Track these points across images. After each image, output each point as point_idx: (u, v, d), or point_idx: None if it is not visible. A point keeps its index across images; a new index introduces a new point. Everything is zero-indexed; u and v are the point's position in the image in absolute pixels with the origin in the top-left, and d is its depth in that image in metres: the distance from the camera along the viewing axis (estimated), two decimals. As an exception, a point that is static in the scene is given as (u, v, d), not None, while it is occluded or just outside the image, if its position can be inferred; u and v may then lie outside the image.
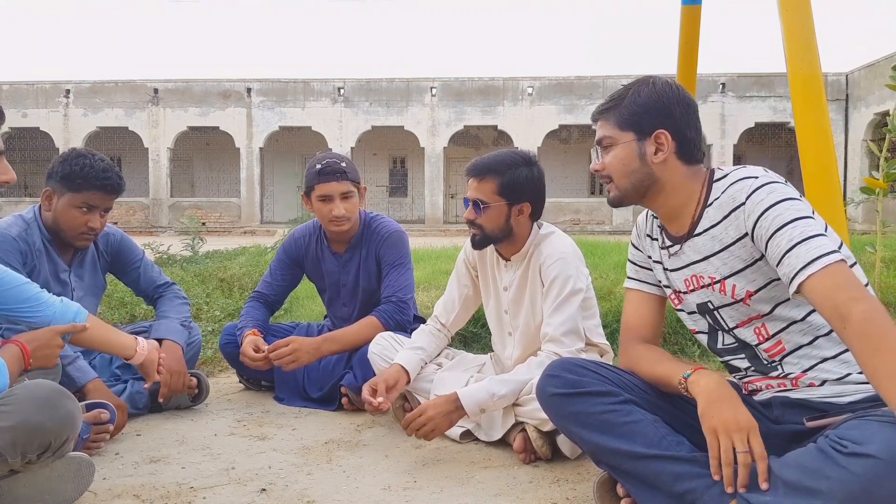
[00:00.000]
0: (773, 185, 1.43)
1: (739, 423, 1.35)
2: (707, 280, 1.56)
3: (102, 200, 2.38)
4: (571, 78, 23.43)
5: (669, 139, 1.53)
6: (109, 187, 2.37)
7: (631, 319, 1.75)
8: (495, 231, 2.22)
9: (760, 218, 1.41)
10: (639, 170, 1.56)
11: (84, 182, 2.33)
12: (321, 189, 2.62)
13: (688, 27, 3.68)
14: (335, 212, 2.62)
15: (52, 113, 23.77)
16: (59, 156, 2.41)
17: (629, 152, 1.56)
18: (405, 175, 26.93)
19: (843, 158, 21.47)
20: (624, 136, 1.56)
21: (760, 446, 1.33)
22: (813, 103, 2.51)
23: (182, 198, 24.88)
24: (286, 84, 23.92)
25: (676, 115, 1.53)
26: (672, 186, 1.56)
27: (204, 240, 7.33)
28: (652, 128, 1.53)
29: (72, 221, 2.36)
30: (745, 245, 1.47)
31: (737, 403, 1.40)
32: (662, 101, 1.53)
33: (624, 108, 1.55)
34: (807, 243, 1.34)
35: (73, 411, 1.50)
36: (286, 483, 1.91)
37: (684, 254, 1.59)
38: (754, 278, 1.49)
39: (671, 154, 1.54)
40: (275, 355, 2.50)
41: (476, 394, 2.09)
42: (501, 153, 2.25)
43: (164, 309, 2.65)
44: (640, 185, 1.57)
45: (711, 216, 1.52)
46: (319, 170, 2.63)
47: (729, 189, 1.50)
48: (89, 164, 2.33)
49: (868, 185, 3.53)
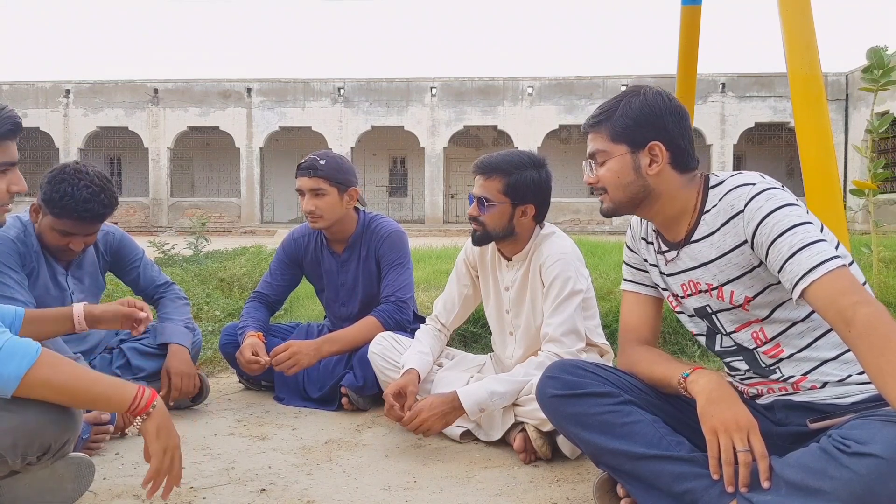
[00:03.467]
0: (770, 191, 1.43)
1: (739, 422, 1.35)
2: (704, 286, 1.56)
3: (82, 229, 2.30)
4: (571, 78, 23.43)
5: (664, 150, 1.52)
6: (89, 218, 2.26)
7: (629, 321, 1.75)
8: (497, 230, 2.22)
9: (760, 225, 1.41)
10: (634, 182, 1.55)
11: (62, 211, 2.22)
12: (297, 183, 2.69)
13: (688, 27, 3.68)
14: (304, 207, 2.66)
15: (52, 113, 23.76)
16: (49, 171, 2.30)
17: (624, 165, 1.55)
18: (405, 175, 26.94)
19: (843, 158, 21.46)
20: (617, 149, 1.55)
21: (761, 445, 1.33)
22: (813, 103, 2.51)
23: (182, 198, 24.88)
24: (286, 84, 23.93)
25: (669, 126, 1.52)
26: (668, 196, 1.56)
27: (209, 239, 7.33)
28: (645, 140, 1.52)
29: (54, 241, 2.32)
30: (743, 252, 1.47)
31: (736, 402, 1.40)
32: (654, 112, 1.52)
33: (616, 120, 1.54)
34: (808, 249, 1.34)
35: (74, 412, 1.49)
36: (286, 483, 1.91)
37: (681, 260, 1.59)
38: (752, 284, 1.49)
39: (665, 165, 1.53)
40: (275, 361, 2.50)
41: (475, 393, 2.09)
42: (511, 153, 2.25)
43: (167, 311, 2.65)
44: (636, 197, 1.57)
45: (709, 223, 1.52)
46: (298, 165, 2.70)
47: (727, 196, 1.49)
48: (70, 194, 2.20)
49: (858, 186, 3.53)
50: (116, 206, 2.35)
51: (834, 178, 2.47)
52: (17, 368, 1.37)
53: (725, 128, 22.84)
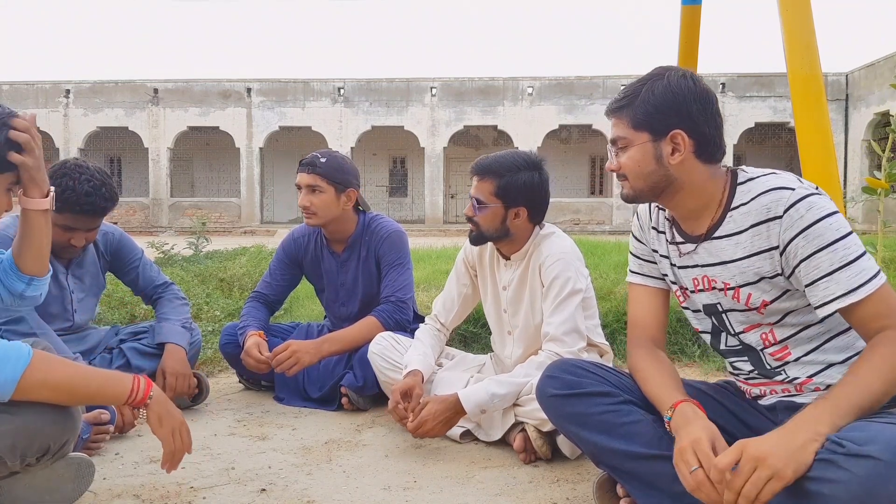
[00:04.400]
0: (811, 198, 1.38)
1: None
2: (720, 285, 1.52)
3: (84, 223, 2.31)
4: (571, 78, 23.42)
5: (686, 139, 1.45)
6: (91, 212, 2.27)
7: (636, 316, 1.71)
8: (490, 231, 2.22)
9: (799, 236, 1.37)
10: (655, 171, 1.48)
11: (63, 205, 2.22)
12: (297, 178, 2.70)
13: (688, 27, 3.68)
14: (299, 202, 2.68)
15: (52, 113, 23.76)
16: (50, 167, 2.27)
17: (645, 153, 1.48)
18: (405, 175, 26.93)
19: (843, 158, 21.47)
20: (639, 137, 1.48)
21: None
22: (813, 103, 2.51)
23: (182, 198, 24.88)
24: (286, 84, 23.93)
25: (693, 113, 1.45)
26: (691, 187, 1.49)
27: (209, 239, 7.33)
28: (667, 128, 1.45)
29: (55, 238, 2.28)
30: (771, 257, 1.43)
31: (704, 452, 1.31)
32: (678, 98, 1.45)
33: (638, 106, 1.47)
34: (849, 269, 1.34)
35: (73, 413, 1.49)
36: (286, 483, 1.91)
37: (697, 254, 1.54)
38: (769, 289, 1.46)
39: (689, 154, 1.47)
40: (275, 361, 2.50)
41: (476, 395, 2.09)
42: (507, 154, 2.24)
43: (165, 311, 2.64)
44: (657, 186, 1.51)
45: (737, 221, 1.47)
46: (300, 161, 2.70)
47: (761, 197, 1.43)
48: (71, 188, 2.22)
49: (870, 185, 3.53)
50: (117, 201, 2.36)
51: (834, 178, 2.48)
52: (13, 372, 1.36)
53: (725, 128, 21.99)
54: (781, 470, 1.18)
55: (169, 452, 1.54)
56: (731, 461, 1.24)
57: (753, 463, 1.20)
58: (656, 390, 1.53)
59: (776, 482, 1.18)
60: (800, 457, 1.19)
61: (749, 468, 1.20)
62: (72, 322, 2.50)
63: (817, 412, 1.25)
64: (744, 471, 1.21)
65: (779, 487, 1.19)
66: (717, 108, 1.49)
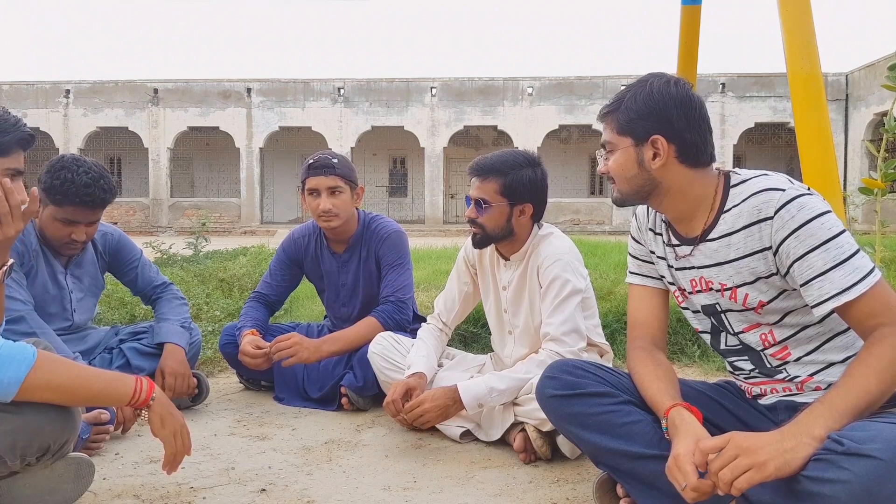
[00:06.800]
0: (802, 198, 1.39)
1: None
2: (717, 286, 1.53)
3: (84, 215, 2.32)
4: (571, 78, 23.43)
5: (666, 144, 1.49)
6: (91, 203, 2.28)
7: (637, 317, 1.72)
8: (496, 231, 2.22)
9: (791, 236, 1.38)
10: (638, 175, 1.52)
11: (64, 198, 2.24)
12: (310, 183, 2.65)
13: (688, 27, 3.68)
14: (322, 206, 2.62)
15: (52, 113, 23.78)
16: (48, 162, 2.32)
17: (628, 158, 1.53)
18: (405, 175, 26.94)
19: (843, 158, 21.48)
20: (623, 142, 1.53)
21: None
22: (813, 103, 2.52)
23: (182, 198, 24.89)
24: (286, 84, 23.93)
25: (673, 119, 1.47)
26: (677, 190, 1.52)
27: (208, 239, 7.33)
28: (647, 133, 1.49)
29: (56, 233, 2.33)
30: (765, 258, 1.44)
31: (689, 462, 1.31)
32: (658, 104, 1.48)
33: (621, 112, 1.52)
34: (842, 267, 1.34)
35: (73, 413, 1.49)
36: (286, 483, 1.91)
37: (694, 257, 1.56)
38: (766, 289, 1.47)
39: (671, 158, 1.50)
40: (275, 348, 2.50)
41: (475, 388, 2.10)
42: (505, 153, 2.25)
43: (164, 311, 2.64)
44: (642, 190, 1.54)
45: (729, 222, 1.48)
46: (310, 164, 2.67)
47: (752, 198, 1.45)
48: (70, 179, 2.23)
49: (867, 185, 3.53)
50: (116, 194, 2.38)
51: (834, 178, 2.48)
52: (17, 373, 1.36)
53: (725, 128, 22.83)
54: (763, 463, 1.19)
55: (170, 454, 1.56)
56: (715, 446, 1.26)
57: (737, 451, 1.21)
58: (652, 395, 1.54)
59: (755, 473, 1.18)
60: (787, 456, 1.19)
61: (731, 454, 1.21)
62: (71, 322, 2.50)
63: (812, 417, 1.25)
64: (726, 455, 1.22)
65: (757, 479, 1.18)
66: (702, 113, 1.51)
